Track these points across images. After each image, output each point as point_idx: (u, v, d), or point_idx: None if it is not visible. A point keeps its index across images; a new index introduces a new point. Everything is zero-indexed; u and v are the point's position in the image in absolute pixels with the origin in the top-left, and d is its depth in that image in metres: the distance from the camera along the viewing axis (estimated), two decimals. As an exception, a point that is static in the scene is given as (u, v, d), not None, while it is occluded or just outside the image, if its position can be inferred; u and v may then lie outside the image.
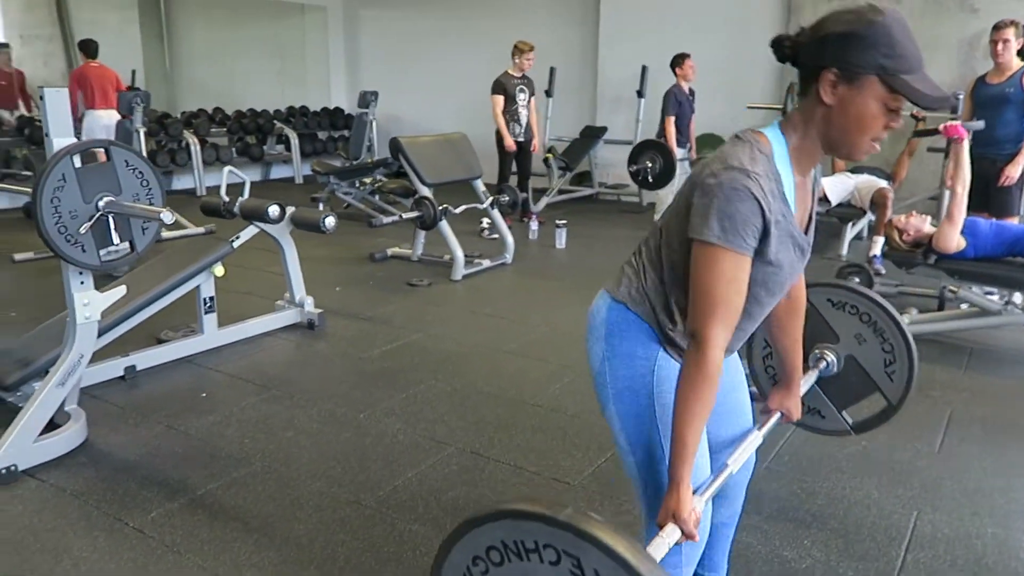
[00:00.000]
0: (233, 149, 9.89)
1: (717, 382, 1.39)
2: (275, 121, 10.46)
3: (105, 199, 2.68)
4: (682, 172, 6.88)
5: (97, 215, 2.66)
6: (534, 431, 3.07)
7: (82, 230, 2.63)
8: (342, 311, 4.71)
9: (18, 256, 5.79)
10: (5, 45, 9.96)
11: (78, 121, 7.07)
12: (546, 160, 8.35)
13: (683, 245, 1.45)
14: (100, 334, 3.23)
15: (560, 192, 8.80)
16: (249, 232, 4.08)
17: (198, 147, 9.21)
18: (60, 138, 2.62)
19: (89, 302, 2.80)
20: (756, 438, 1.74)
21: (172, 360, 3.82)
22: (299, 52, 11.94)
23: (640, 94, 8.47)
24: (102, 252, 2.73)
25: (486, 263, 5.80)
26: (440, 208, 5.41)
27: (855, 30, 1.31)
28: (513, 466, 2.79)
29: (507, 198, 6.08)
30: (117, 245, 2.75)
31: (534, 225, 6.98)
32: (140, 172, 2.79)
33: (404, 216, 5.36)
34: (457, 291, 5.30)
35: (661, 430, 1.54)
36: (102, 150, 2.74)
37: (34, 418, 2.72)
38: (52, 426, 2.88)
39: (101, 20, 12.07)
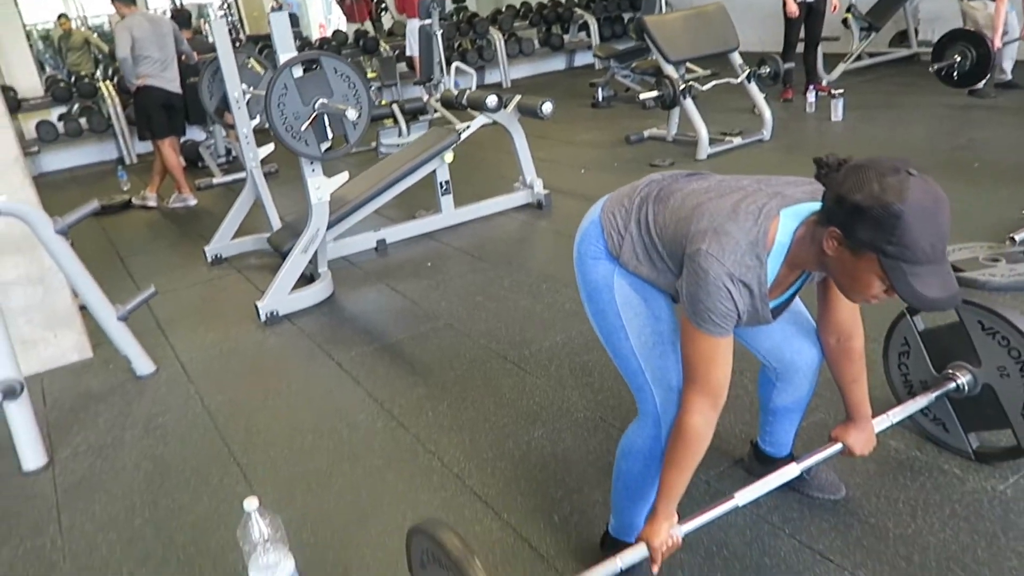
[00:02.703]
0: (535, 40, 10.41)
1: (697, 445, 1.48)
2: (575, 9, 10.70)
3: (319, 101, 3.29)
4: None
5: (314, 115, 3.28)
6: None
7: (303, 127, 3.28)
8: (575, 192, 5.00)
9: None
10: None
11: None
12: (844, 21, 7.43)
13: (668, 249, 1.50)
14: (349, 213, 4.00)
15: (869, 56, 7.82)
16: (478, 122, 4.53)
17: (502, 42, 9.90)
18: (284, 53, 3.25)
19: (320, 186, 3.50)
20: (793, 469, 1.74)
21: (416, 235, 4.52)
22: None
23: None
24: (322, 145, 3.37)
25: (736, 141, 5.57)
26: (684, 86, 5.30)
27: (869, 207, 1.21)
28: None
29: (767, 69, 5.68)
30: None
31: (812, 96, 6.40)
32: (347, 77, 3.34)
33: (641, 96, 5.36)
34: (698, 170, 5.22)
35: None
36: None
37: (286, 277, 3.56)
38: (311, 282, 3.73)
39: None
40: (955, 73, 5.85)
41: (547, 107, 4.30)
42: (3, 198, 2.81)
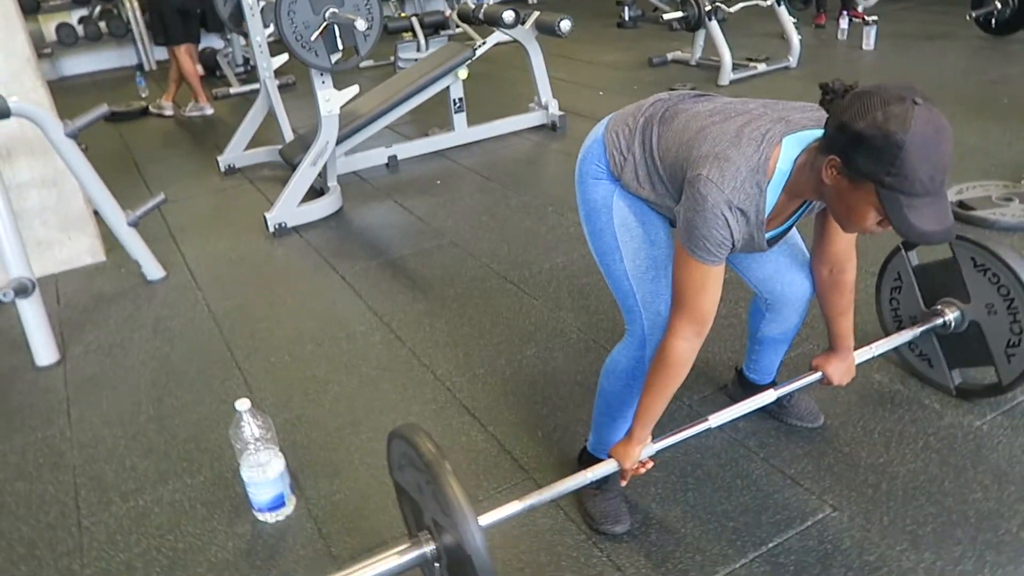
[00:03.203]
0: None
1: (678, 370, 1.49)
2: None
3: (330, 11, 3.23)
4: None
5: (324, 24, 3.23)
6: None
7: (313, 37, 3.24)
8: (592, 114, 4.92)
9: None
10: None
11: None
12: (888, -57, 7.09)
13: (669, 172, 1.49)
14: (360, 128, 3.99)
15: (912, -18, 7.48)
16: (494, 38, 4.44)
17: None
18: (292, -41, 3.18)
19: (330, 99, 3.48)
20: (769, 395, 1.75)
21: (428, 153, 4.50)
22: None
23: None
24: (332, 56, 3.33)
25: (761, 67, 5.42)
26: (710, 7, 5.13)
27: (871, 136, 1.17)
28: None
29: (799, -8, 5.46)
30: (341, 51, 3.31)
31: (844, 23, 6.18)
32: (358, -15, 3.27)
33: (664, 17, 5.20)
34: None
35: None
36: None
37: (295, 189, 3.58)
38: (320, 196, 3.75)
39: None
40: (993, 21, 5.61)
41: (565, 24, 4.19)
42: (14, 99, 2.83)
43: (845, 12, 6.28)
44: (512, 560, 1.72)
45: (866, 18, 5.82)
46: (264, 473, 1.85)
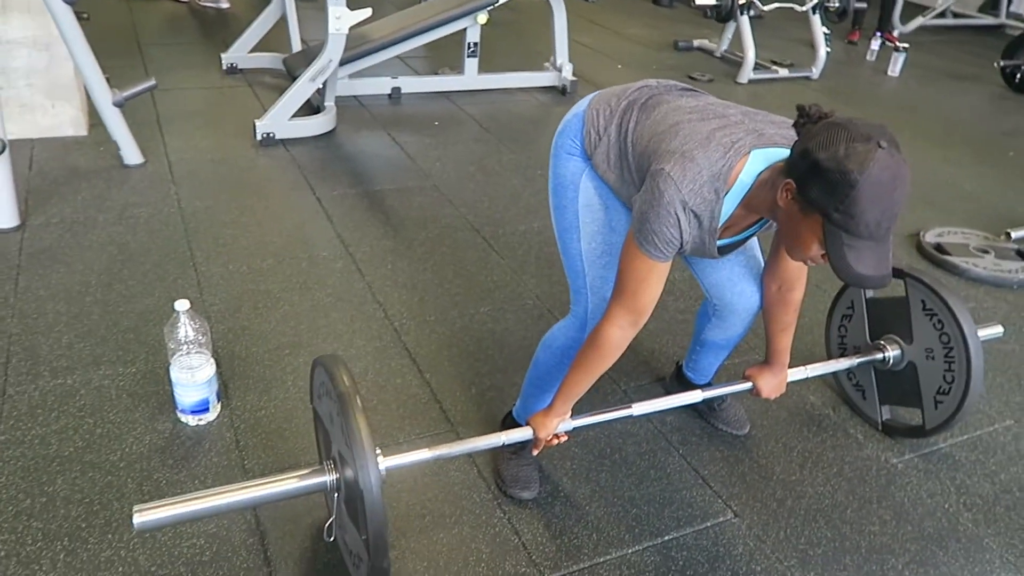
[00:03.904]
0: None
1: (607, 354, 1.49)
2: None
3: (355, -74, 3.15)
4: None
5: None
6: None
7: (333, -49, 3.16)
8: (604, 86, 4.84)
9: None
10: None
11: None
12: (938, -29, 6.98)
13: (637, 161, 1.48)
14: (366, 54, 3.92)
15: (954, 15, 7.40)
16: (520, -13, 4.35)
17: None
18: None
19: (340, 16, 3.41)
20: (695, 395, 1.79)
21: (433, 92, 4.44)
22: None
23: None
24: (350, -26, 3.26)
25: (782, 72, 5.36)
26: (744, 2, 5.05)
27: (828, 169, 1.16)
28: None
29: (835, 4, 5.39)
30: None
31: (875, 44, 6.10)
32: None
33: (697, 2, 5.12)
34: (733, 93, 5.07)
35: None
36: None
37: (289, 102, 3.53)
38: (315, 113, 3.70)
39: None
40: (1018, 76, 5.55)
41: (593, -11, 4.11)
42: (16, -48, 2.76)
43: (879, 33, 6.19)
44: (416, 505, 1.75)
45: (898, 44, 5.75)
46: (192, 376, 1.86)
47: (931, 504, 1.88)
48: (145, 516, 1.33)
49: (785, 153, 1.35)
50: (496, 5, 4.21)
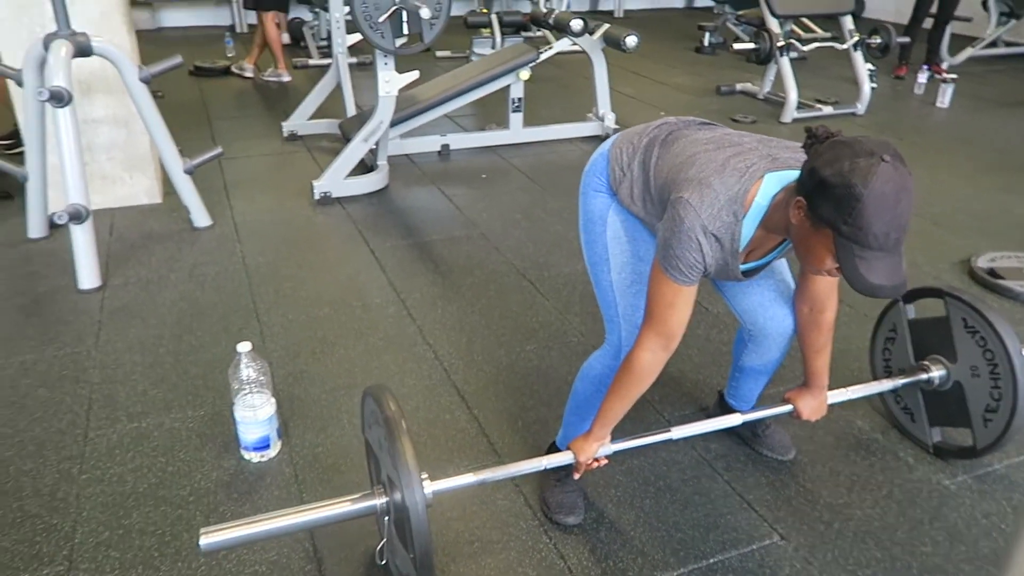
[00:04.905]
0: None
1: (641, 379, 1.55)
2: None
3: (400, -4, 3.38)
4: None
5: (393, 8, 3.38)
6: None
7: (381, 19, 3.39)
8: (647, 133, 4.97)
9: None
10: None
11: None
12: (984, 2, 6.94)
13: (659, 193, 1.56)
14: (416, 114, 4.13)
15: (1006, 44, 7.31)
16: (560, 45, 4.53)
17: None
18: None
19: (389, 80, 3.63)
20: (735, 418, 1.83)
21: (480, 147, 4.62)
22: None
23: None
24: (397, 40, 3.48)
25: (827, 110, 5.39)
26: (782, 43, 5.13)
27: (834, 185, 1.23)
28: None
29: (878, 40, 5.42)
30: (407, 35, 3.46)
31: (923, 77, 6.08)
32: (431, -25, 3.40)
33: (735, 47, 5.22)
34: (778, 133, 5.08)
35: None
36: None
37: (344, 162, 3.74)
38: (369, 172, 3.91)
39: None
40: None
41: (631, 40, 4.26)
42: (98, 39, 3.05)
43: (926, 67, 6.17)
44: (465, 532, 1.81)
45: (946, 75, 5.72)
46: (255, 414, 1.99)
47: (986, 524, 1.84)
48: (211, 538, 1.43)
49: (797, 174, 1.42)
50: (537, 61, 4.39)
